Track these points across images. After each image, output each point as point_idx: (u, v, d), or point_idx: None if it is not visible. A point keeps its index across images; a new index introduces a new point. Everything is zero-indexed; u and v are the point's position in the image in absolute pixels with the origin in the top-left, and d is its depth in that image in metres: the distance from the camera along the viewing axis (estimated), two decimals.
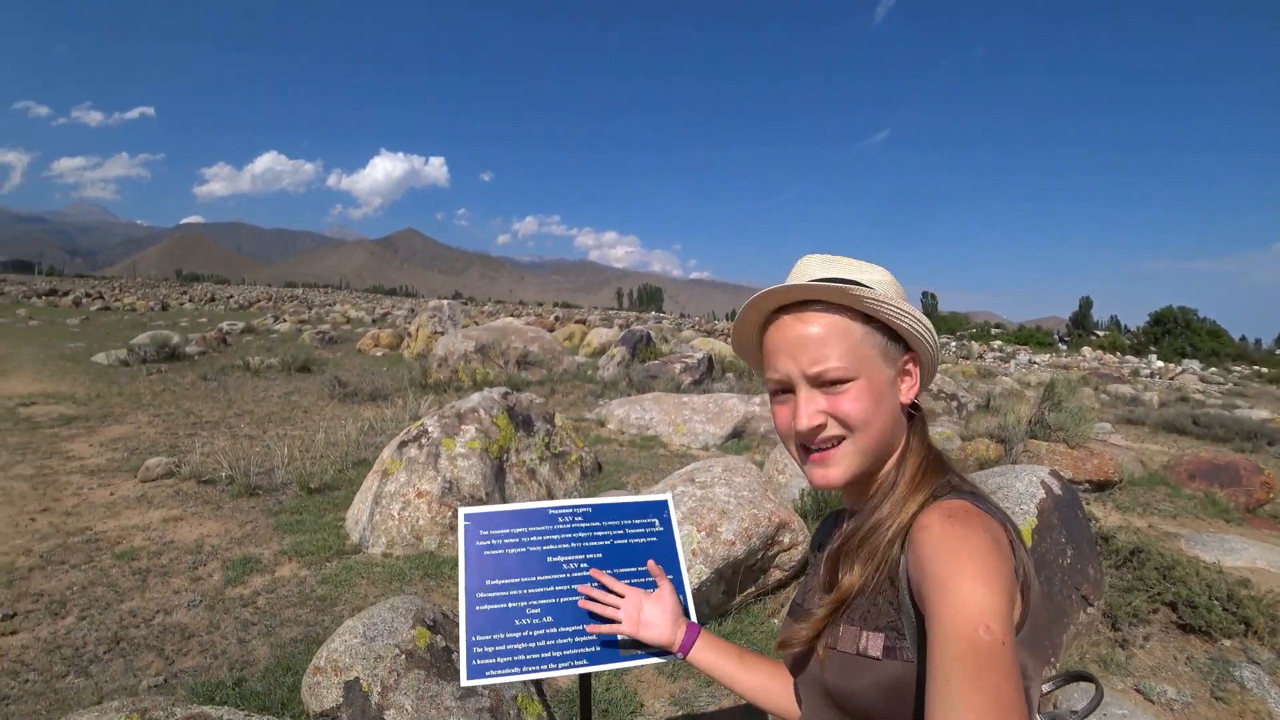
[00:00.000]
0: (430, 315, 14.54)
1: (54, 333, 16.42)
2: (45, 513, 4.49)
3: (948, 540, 0.72)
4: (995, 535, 0.73)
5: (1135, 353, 55.26)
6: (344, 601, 3.42)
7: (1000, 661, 0.61)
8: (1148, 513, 5.76)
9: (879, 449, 0.85)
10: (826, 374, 0.82)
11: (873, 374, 0.83)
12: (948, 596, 0.67)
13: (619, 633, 1.13)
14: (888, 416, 0.84)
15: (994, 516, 0.77)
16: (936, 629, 0.66)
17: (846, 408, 0.82)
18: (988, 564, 0.68)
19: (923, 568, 0.72)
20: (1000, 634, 0.63)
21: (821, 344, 0.82)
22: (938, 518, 0.76)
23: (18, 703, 2.58)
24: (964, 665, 0.61)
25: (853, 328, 0.82)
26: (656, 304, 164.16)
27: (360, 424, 6.97)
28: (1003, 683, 0.60)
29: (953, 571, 0.68)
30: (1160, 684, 3.04)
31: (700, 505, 3.26)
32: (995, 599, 0.65)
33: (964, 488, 0.84)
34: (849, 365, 0.82)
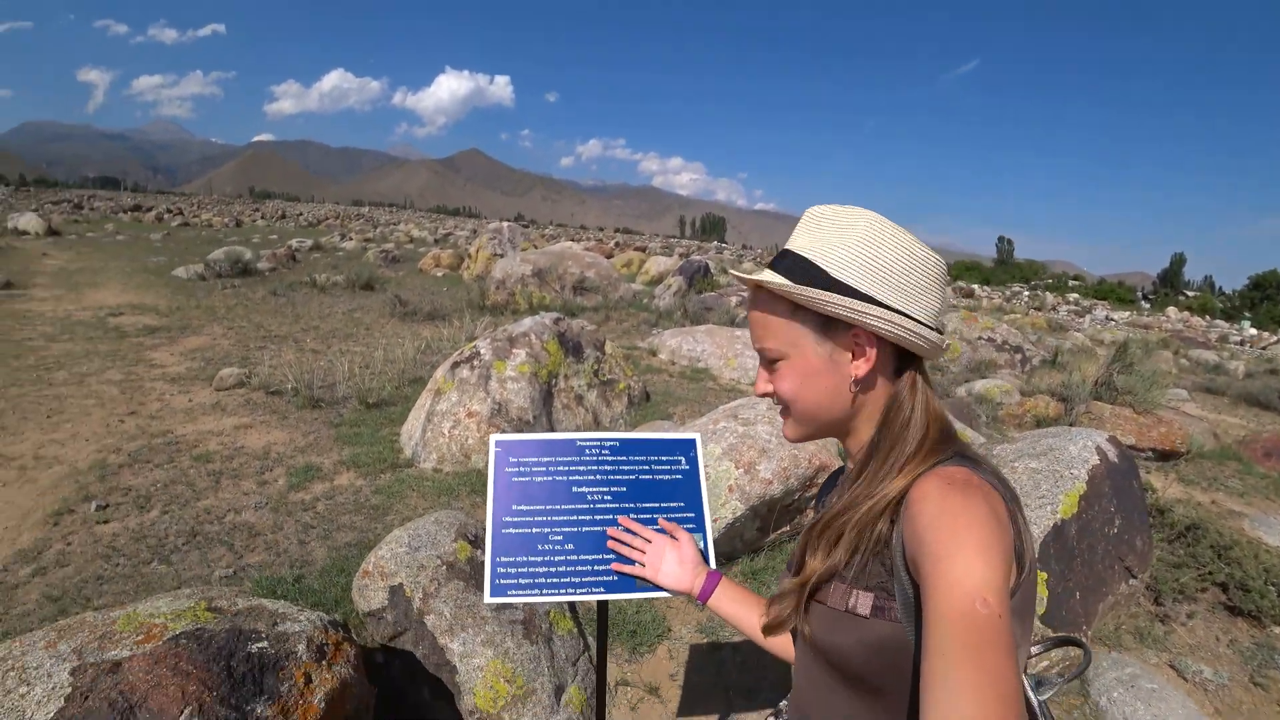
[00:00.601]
0: (490, 237, 14.69)
1: (139, 247, 17.32)
2: (133, 415, 4.86)
3: (945, 510, 0.71)
4: (994, 505, 0.72)
5: (1227, 317, 51.72)
6: (395, 511, 3.63)
7: (996, 635, 0.62)
8: (1213, 488, 5.51)
9: (818, 420, 0.90)
10: (764, 353, 0.90)
11: (802, 354, 0.86)
12: (944, 568, 0.66)
13: (640, 575, 1.18)
14: (822, 392, 0.87)
15: (994, 486, 0.76)
16: (932, 601, 0.66)
17: (779, 385, 0.89)
18: (985, 535, 0.68)
19: (919, 537, 0.72)
20: (996, 607, 0.63)
21: (761, 324, 0.90)
22: (933, 485, 0.75)
23: (110, 582, 2.88)
24: (960, 639, 0.62)
25: (782, 308, 0.87)
26: (719, 234, 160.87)
27: (418, 343, 7.20)
28: (998, 657, 0.61)
29: (950, 543, 0.68)
30: (1197, 663, 2.98)
31: (741, 442, 3.28)
32: (992, 571, 0.65)
33: (966, 453, 0.83)
34: (778, 345, 0.88)
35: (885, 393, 0.87)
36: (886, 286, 0.81)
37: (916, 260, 0.82)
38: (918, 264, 0.82)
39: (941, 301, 0.86)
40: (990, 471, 0.80)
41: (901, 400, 0.86)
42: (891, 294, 0.82)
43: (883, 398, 0.87)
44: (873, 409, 0.88)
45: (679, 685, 2.59)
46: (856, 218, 0.84)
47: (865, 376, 0.85)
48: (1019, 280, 69.45)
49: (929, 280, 0.83)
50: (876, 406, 0.87)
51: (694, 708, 2.49)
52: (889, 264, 0.81)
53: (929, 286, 0.83)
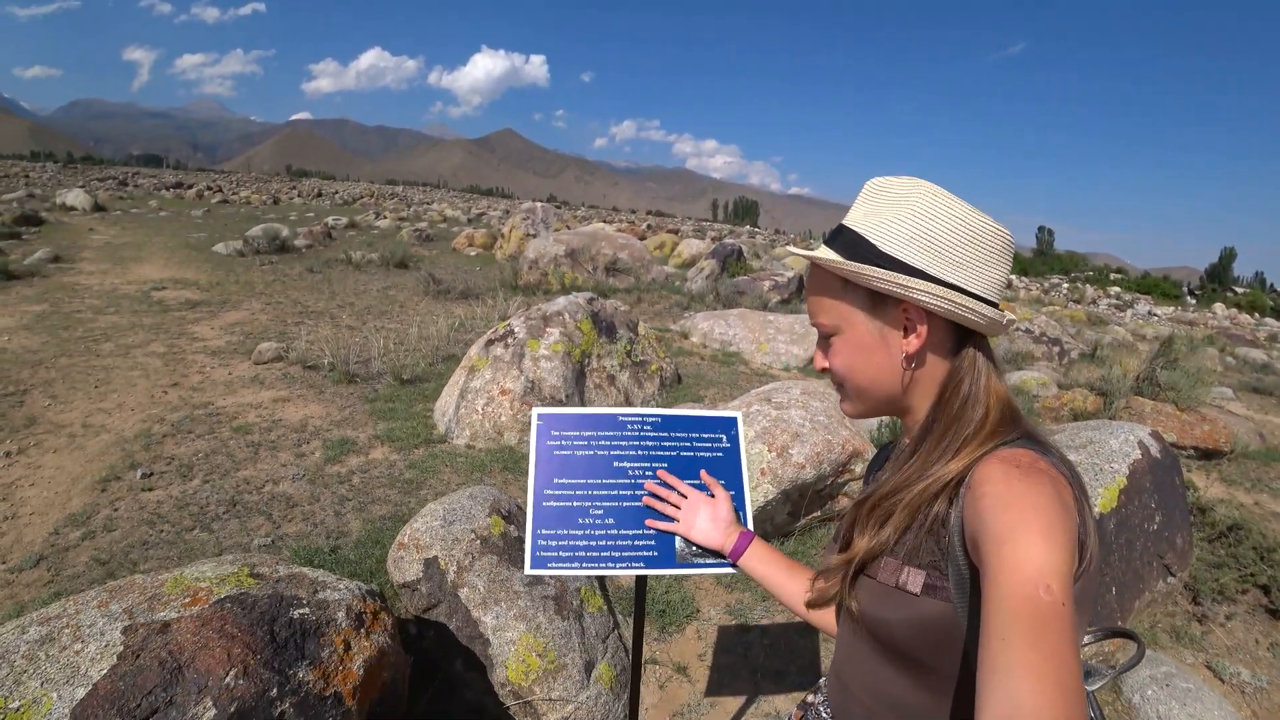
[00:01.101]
0: (523, 217, 14.73)
1: (180, 223, 17.73)
2: (175, 387, 4.99)
3: (1010, 491, 0.69)
4: (1060, 490, 0.70)
5: (1277, 315, 49.93)
6: (428, 486, 3.68)
7: (1060, 623, 0.60)
8: (1257, 489, 5.34)
9: (872, 396, 0.89)
10: (819, 328, 0.90)
11: (853, 328, 0.86)
12: (1007, 552, 0.64)
13: (673, 531, 1.19)
14: (875, 368, 0.86)
15: (1059, 468, 0.74)
16: (994, 585, 0.64)
17: (831, 360, 0.90)
18: (1051, 520, 0.66)
19: (981, 518, 0.69)
20: (1060, 594, 0.61)
21: (816, 301, 0.90)
22: (1000, 466, 0.73)
23: (155, 548, 2.97)
24: (1022, 625, 0.60)
25: (834, 285, 0.86)
26: (752, 218, 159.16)
27: (451, 321, 7.28)
28: (1061, 645, 0.59)
29: (1015, 526, 0.66)
30: (1235, 665, 2.91)
31: (774, 425, 3.26)
32: (1057, 557, 0.63)
33: (1033, 435, 0.80)
34: (831, 322, 0.88)
35: (942, 370, 0.85)
36: (939, 260, 0.79)
37: (972, 232, 0.79)
38: (973, 236, 0.79)
39: (1003, 275, 0.83)
40: (1057, 456, 0.78)
41: (960, 378, 0.83)
42: (944, 267, 0.79)
43: (940, 375, 0.85)
44: (929, 386, 0.85)
45: (707, 665, 2.60)
46: (911, 189, 0.82)
47: (917, 353, 0.83)
48: (1058, 272, 67.73)
49: (987, 253, 0.80)
50: (933, 384, 0.85)
51: (721, 688, 2.50)
52: (941, 236, 0.79)
53: (987, 259, 0.80)
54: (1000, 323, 0.82)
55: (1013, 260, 0.85)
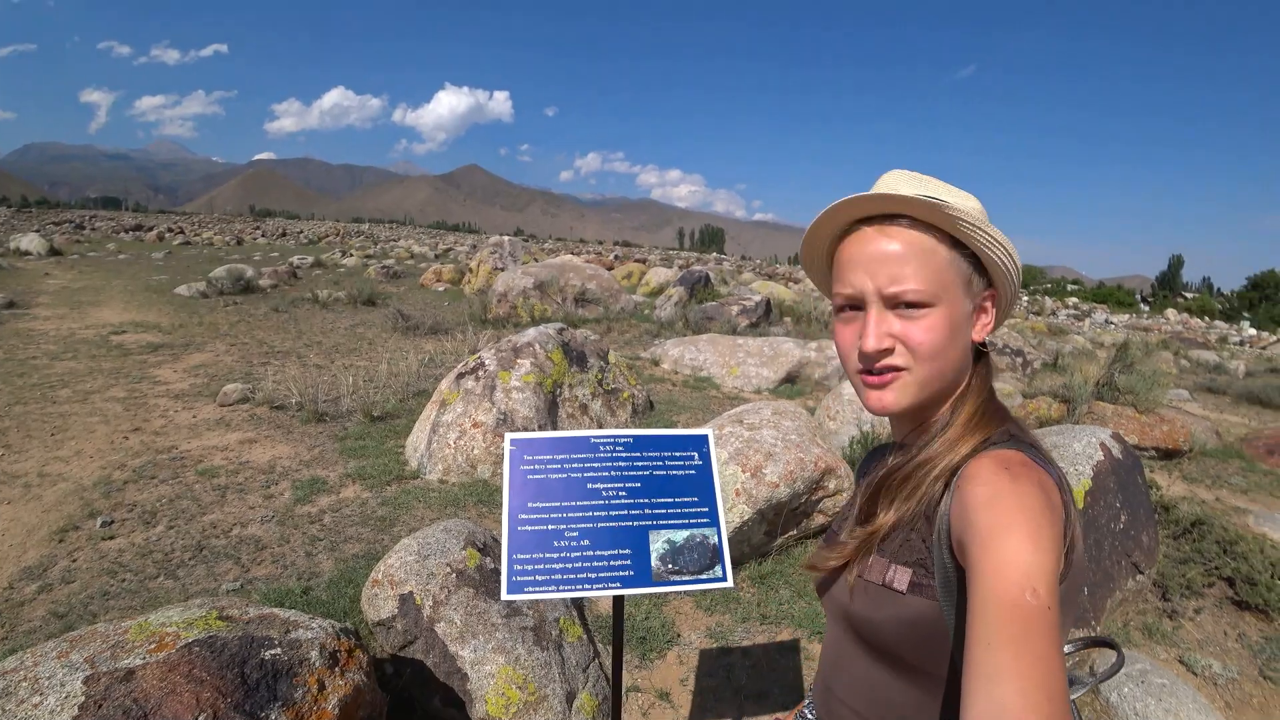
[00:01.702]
0: (491, 251, 14.74)
1: (140, 266, 17.37)
2: (137, 432, 4.86)
3: (998, 492, 0.68)
4: (1048, 491, 0.69)
5: (1226, 318, 51.80)
6: (402, 523, 3.62)
7: (1044, 627, 0.59)
8: (1217, 485, 5.51)
9: (940, 384, 0.80)
10: (904, 295, 0.76)
11: (952, 303, 0.77)
12: (993, 552, 0.63)
13: None
14: (958, 352, 0.79)
15: (1048, 471, 0.73)
16: (979, 586, 0.63)
17: (919, 336, 0.76)
18: (1038, 521, 0.65)
19: (968, 518, 0.68)
20: (1046, 598, 0.60)
21: (903, 262, 0.76)
22: (989, 466, 0.72)
23: (116, 598, 2.87)
24: (1007, 629, 0.59)
25: (939, 250, 0.76)
26: (718, 245, 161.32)
27: (421, 356, 7.22)
28: (1047, 649, 0.58)
29: (1000, 526, 0.65)
30: (1206, 657, 2.98)
31: (746, 446, 3.29)
32: (1044, 560, 0.62)
33: (1023, 438, 0.79)
34: (929, 290, 0.75)
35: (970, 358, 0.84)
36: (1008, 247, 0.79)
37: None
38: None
39: None
40: (1044, 456, 0.77)
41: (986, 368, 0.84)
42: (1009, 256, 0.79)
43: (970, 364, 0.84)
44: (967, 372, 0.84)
45: (690, 690, 2.58)
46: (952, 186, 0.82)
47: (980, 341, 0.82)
48: None
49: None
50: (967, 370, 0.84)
51: (705, 712, 2.48)
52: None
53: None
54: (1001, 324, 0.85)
55: None
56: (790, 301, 12.86)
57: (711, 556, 1.23)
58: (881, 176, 0.84)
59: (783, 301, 12.46)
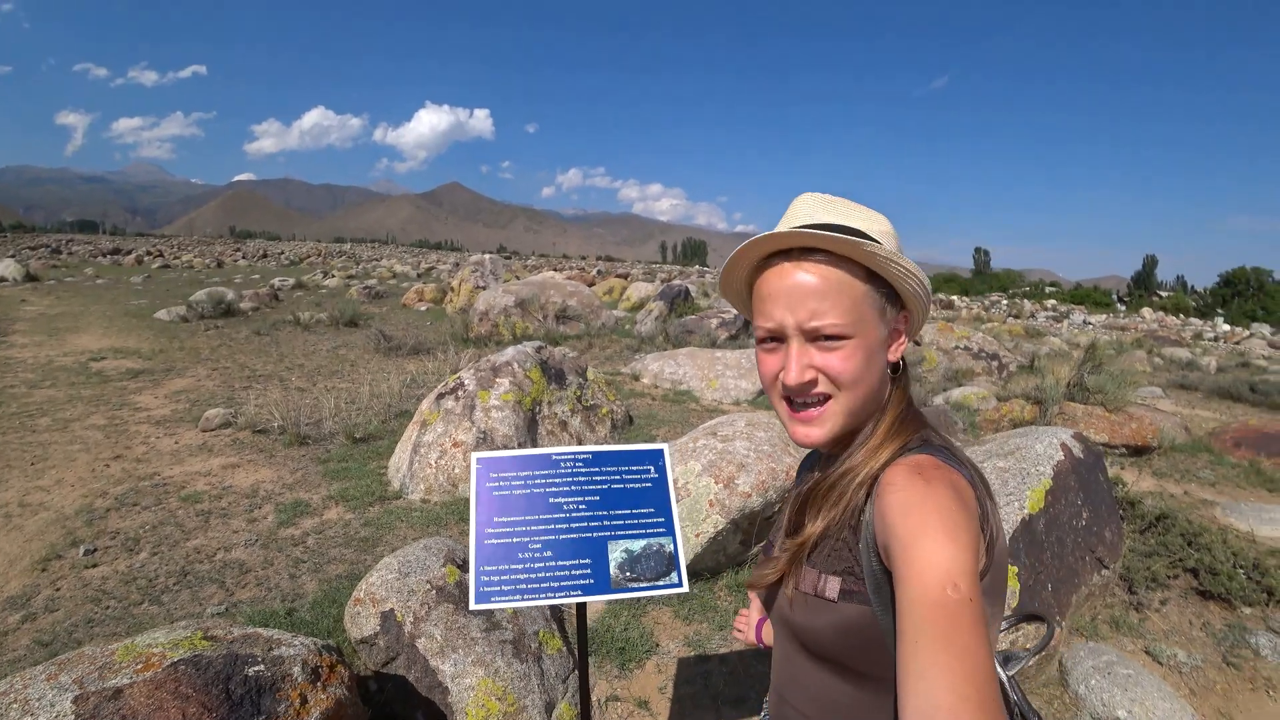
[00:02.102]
0: (472, 270, 14.80)
1: (119, 290, 17.25)
2: (118, 459, 4.86)
3: (913, 497, 0.72)
4: (959, 490, 0.73)
5: (1200, 315, 52.81)
6: (385, 543, 3.67)
7: (968, 619, 0.62)
8: (1185, 479, 5.66)
9: (864, 408, 0.84)
10: (823, 329, 0.79)
11: (868, 333, 0.80)
12: (914, 555, 0.67)
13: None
14: (876, 376, 0.83)
15: (959, 471, 0.77)
16: (904, 588, 0.67)
17: (838, 366, 0.80)
18: (953, 520, 0.68)
19: (889, 523, 0.72)
20: (967, 591, 0.63)
21: (821, 297, 0.78)
22: (904, 473, 0.76)
23: (100, 625, 2.90)
24: (932, 625, 0.62)
25: (855, 284, 0.79)
26: (700, 258, 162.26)
27: (403, 377, 7.26)
28: (971, 641, 0.61)
29: (918, 529, 0.68)
30: (1171, 647, 3.08)
31: (720, 458, 3.37)
32: (962, 555, 0.66)
33: (934, 441, 0.83)
34: (846, 323, 0.79)
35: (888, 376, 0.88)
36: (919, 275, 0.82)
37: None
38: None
39: None
40: (956, 458, 0.81)
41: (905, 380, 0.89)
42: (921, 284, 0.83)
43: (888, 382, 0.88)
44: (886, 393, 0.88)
45: (668, 698, 2.64)
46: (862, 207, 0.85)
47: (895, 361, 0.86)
48: (997, 289, 70.52)
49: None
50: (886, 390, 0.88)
51: (684, 719, 2.54)
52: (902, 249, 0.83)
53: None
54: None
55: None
56: None
57: (668, 564, 1.31)
58: (794, 202, 0.87)
59: None
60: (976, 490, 0.77)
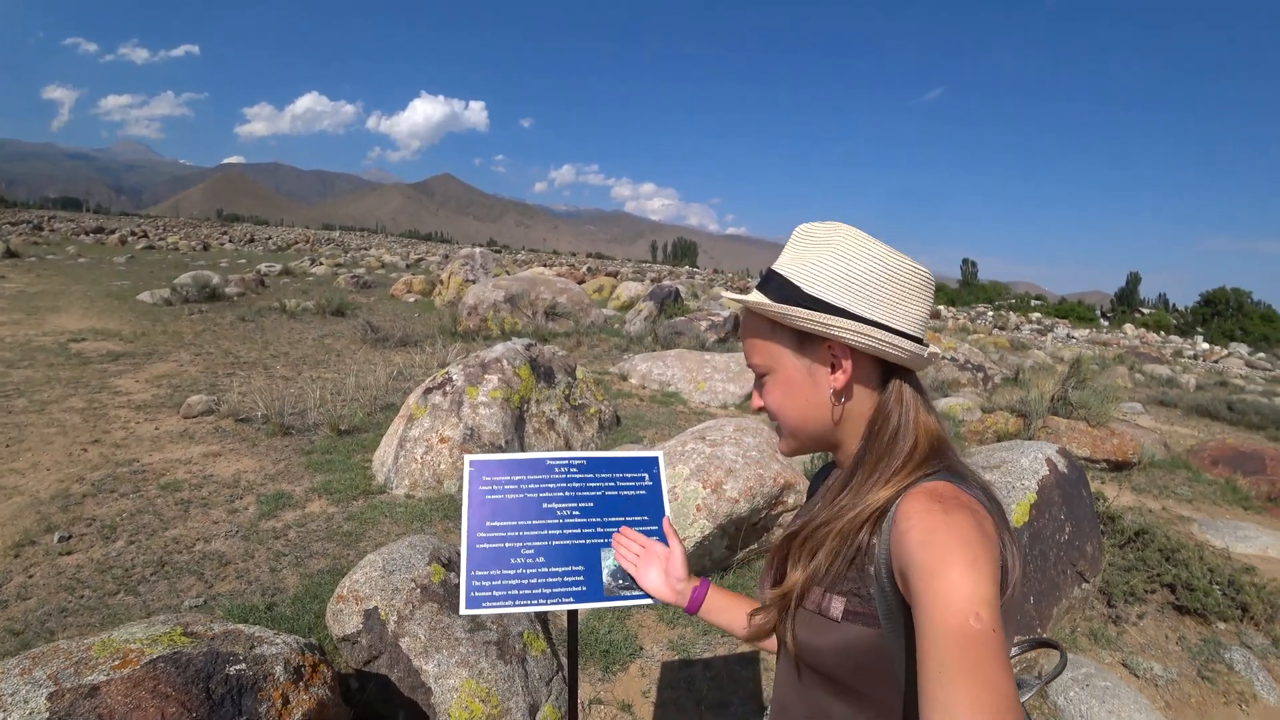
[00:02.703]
0: (462, 263, 14.71)
1: (102, 270, 16.98)
2: (96, 444, 4.78)
3: (933, 525, 0.72)
4: (980, 521, 0.73)
5: (1181, 333, 53.64)
6: (368, 538, 3.64)
7: (991, 650, 0.62)
8: (1164, 495, 5.74)
9: (804, 433, 0.92)
10: (754, 369, 0.94)
11: (783, 367, 0.90)
12: (935, 585, 0.67)
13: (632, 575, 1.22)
14: (806, 406, 0.89)
15: (978, 499, 0.77)
16: (925, 619, 0.66)
17: (765, 399, 0.94)
18: (975, 551, 0.68)
19: (908, 554, 0.72)
20: (990, 621, 0.63)
21: (749, 342, 0.94)
22: (921, 501, 0.76)
23: (74, 615, 2.84)
24: (956, 656, 0.62)
25: (764, 327, 0.91)
26: (691, 259, 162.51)
27: (390, 369, 7.19)
28: (995, 672, 0.61)
29: (941, 559, 0.68)
30: (1148, 660, 3.12)
31: (708, 463, 3.37)
32: (983, 586, 0.65)
33: (957, 469, 0.83)
34: (762, 361, 0.92)
35: (871, 405, 0.88)
36: (859, 298, 0.83)
37: (890, 270, 0.83)
38: (891, 274, 0.83)
39: (924, 311, 0.86)
40: (978, 487, 0.81)
41: (888, 412, 0.86)
42: (864, 305, 0.83)
43: (868, 410, 0.88)
44: (858, 422, 0.88)
45: (652, 702, 2.64)
46: (833, 233, 0.86)
47: (844, 388, 0.86)
48: (983, 301, 71.21)
49: (906, 290, 0.84)
50: (862, 419, 0.88)
51: None
52: (861, 276, 0.83)
53: (906, 296, 0.84)
54: (922, 356, 0.85)
55: (933, 296, 0.88)
56: None
57: None
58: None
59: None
60: (995, 519, 0.77)
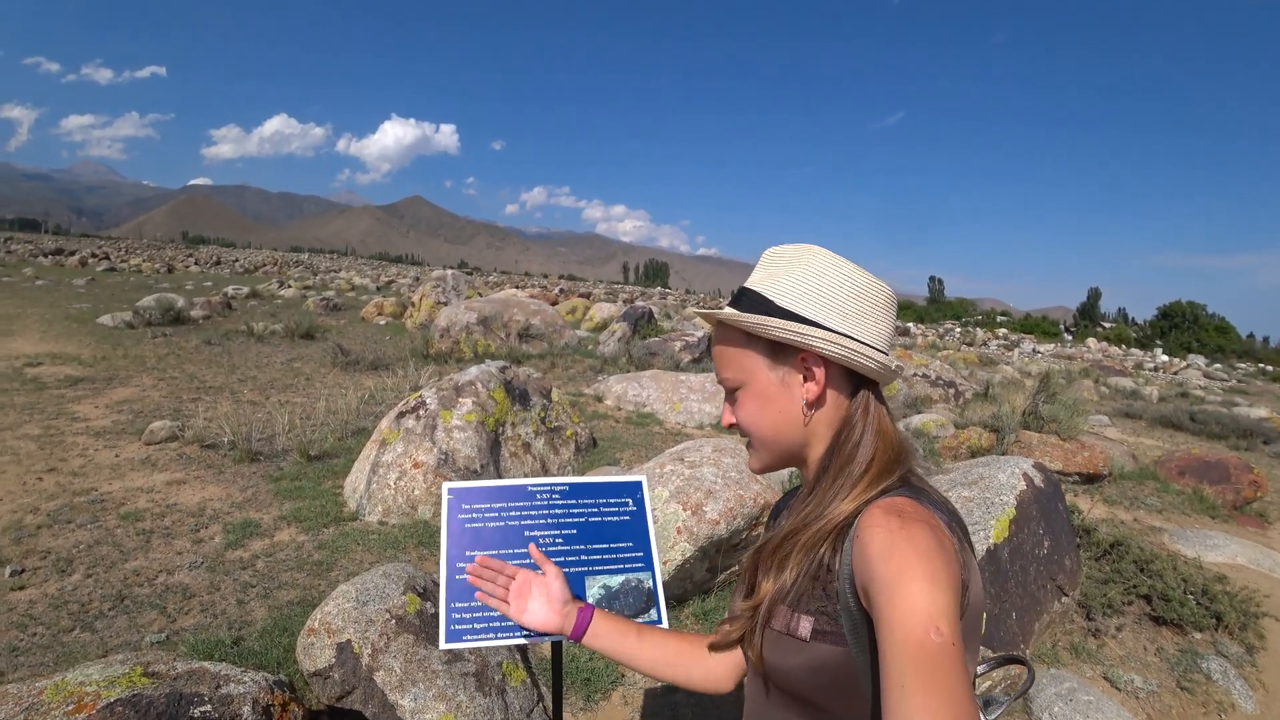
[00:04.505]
0: (434, 285, 14.59)
1: (60, 293, 16.50)
2: (52, 472, 4.59)
3: (892, 541, 0.72)
4: (939, 535, 0.73)
5: (1141, 346, 55.19)
6: (340, 567, 3.52)
7: (951, 663, 0.63)
8: (1135, 507, 5.83)
9: (777, 446, 0.92)
10: (725, 384, 0.93)
11: (756, 380, 0.90)
12: (896, 599, 0.67)
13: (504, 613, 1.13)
14: (778, 417, 0.89)
15: (937, 513, 0.78)
16: (886, 632, 0.67)
17: (738, 413, 0.93)
18: (933, 564, 0.69)
19: (869, 568, 0.72)
20: (949, 635, 0.64)
21: (720, 356, 0.94)
22: (880, 517, 0.76)
23: (26, 654, 2.69)
24: (915, 669, 0.63)
25: (736, 339, 0.91)
26: (662, 279, 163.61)
27: (361, 393, 7.06)
28: (954, 684, 0.62)
29: (899, 574, 0.69)
30: (1128, 673, 3.14)
31: (687, 485, 3.33)
32: (943, 599, 0.66)
33: (911, 481, 0.84)
34: (734, 375, 0.92)
35: (838, 416, 0.89)
36: (830, 311, 0.84)
37: (858, 287, 0.85)
38: (860, 290, 0.85)
39: (890, 327, 0.89)
40: (936, 501, 0.82)
41: (853, 423, 0.87)
42: (835, 318, 0.84)
43: (835, 421, 0.89)
44: (825, 432, 0.89)
45: None
46: (804, 253, 0.88)
47: (816, 399, 0.87)
48: (951, 318, 72.56)
49: (874, 306, 0.86)
50: (829, 430, 0.89)
51: None
52: (832, 291, 0.85)
53: (874, 311, 0.86)
54: (890, 369, 0.87)
55: (896, 314, 0.91)
56: None
57: (647, 600, 1.26)
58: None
59: None
60: (954, 534, 0.77)
